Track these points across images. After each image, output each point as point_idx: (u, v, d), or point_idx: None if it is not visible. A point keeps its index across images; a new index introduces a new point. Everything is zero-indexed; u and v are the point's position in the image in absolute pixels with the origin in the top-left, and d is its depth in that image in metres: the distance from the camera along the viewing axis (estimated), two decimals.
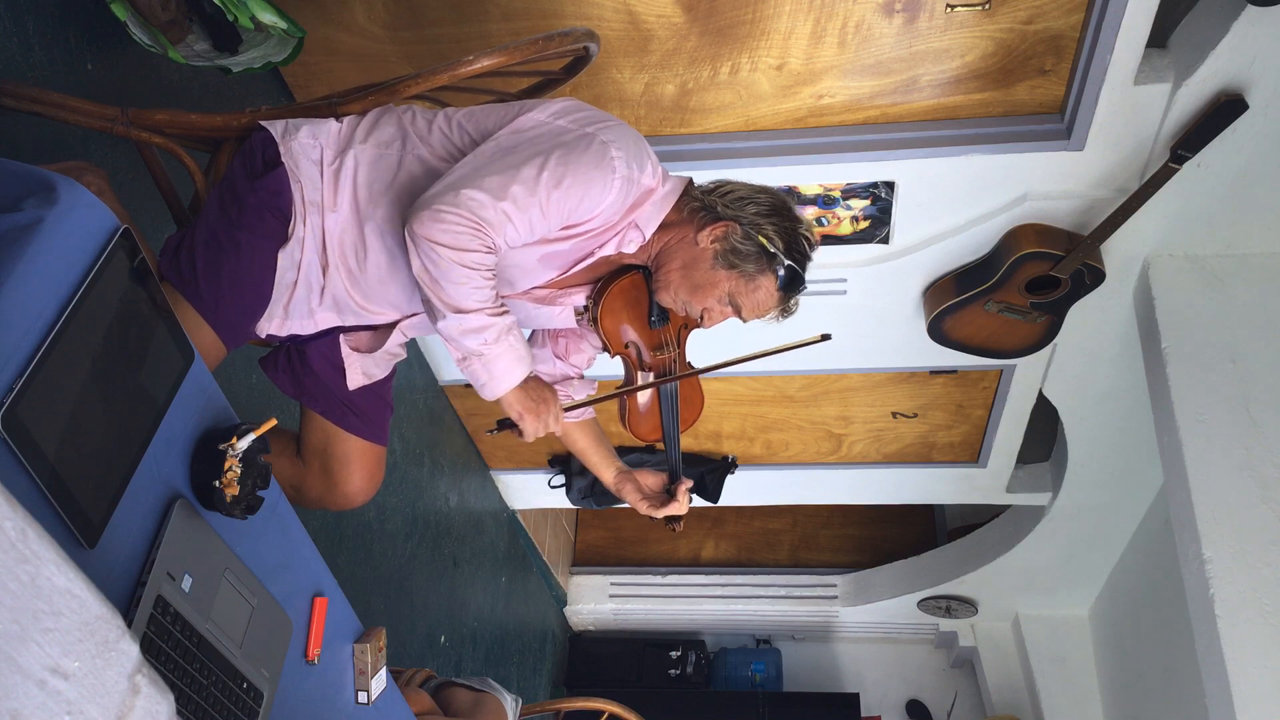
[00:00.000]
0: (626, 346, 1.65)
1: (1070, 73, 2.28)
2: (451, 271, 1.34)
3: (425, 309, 1.42)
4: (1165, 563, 3.53)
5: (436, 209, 1.33)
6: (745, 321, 1.57)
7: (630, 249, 1.52)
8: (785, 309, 1.56)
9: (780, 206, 1.50)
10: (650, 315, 1.62)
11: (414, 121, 1.51)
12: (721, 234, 1.48)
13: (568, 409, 1.71)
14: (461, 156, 1.46)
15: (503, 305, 1.41)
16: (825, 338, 1.58)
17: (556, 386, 1.76)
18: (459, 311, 1.36)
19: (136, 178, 1.86)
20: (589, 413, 1.82)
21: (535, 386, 1.48)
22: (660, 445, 1.84)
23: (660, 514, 1.77)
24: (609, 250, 1.51)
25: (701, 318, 1.55)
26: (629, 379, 1.72)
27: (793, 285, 1.51)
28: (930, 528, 5.24)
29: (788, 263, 1.48)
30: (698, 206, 1.51)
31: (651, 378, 1.69)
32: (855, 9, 2.19)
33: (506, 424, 1.53)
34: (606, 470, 1.83)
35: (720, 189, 1.52)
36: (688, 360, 1.73)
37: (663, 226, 1.53)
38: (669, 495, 1.78)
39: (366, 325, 1.61)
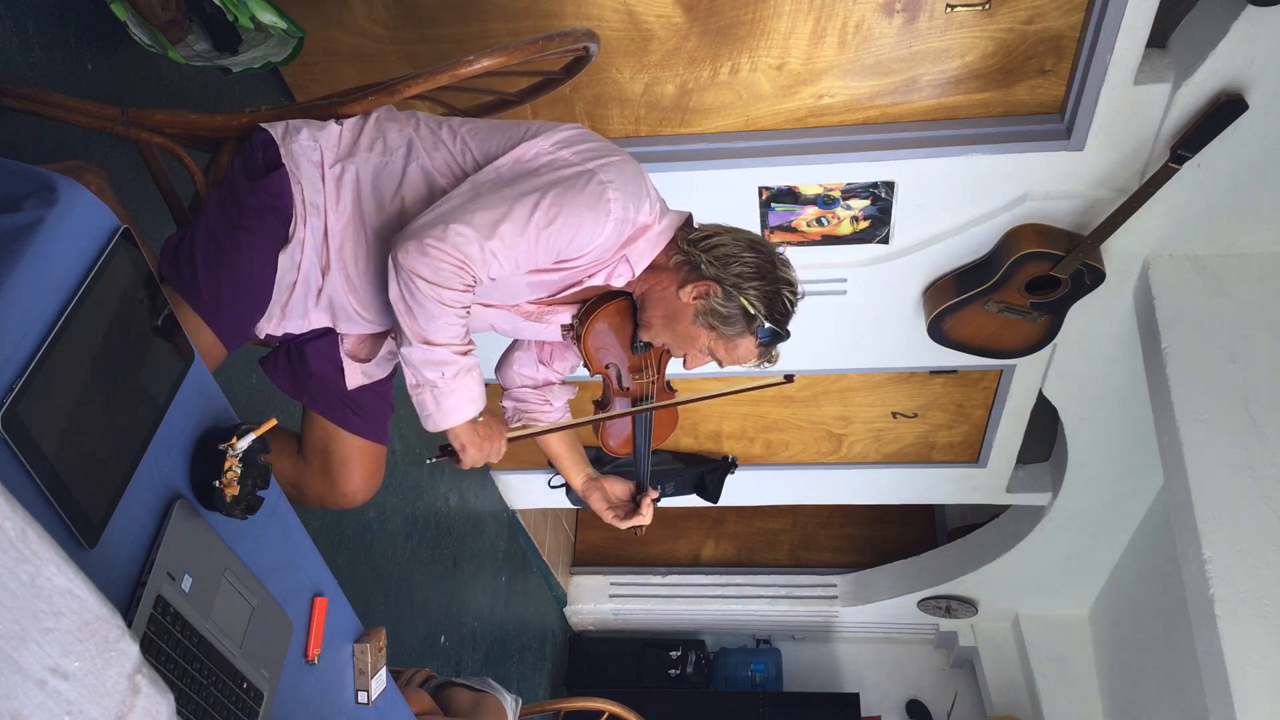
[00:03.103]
0: (607, 368, 1.66)
1: (1070, 73, 2.28)
2: (427, 304, 1.34)
3: (394, 332, 1.41)
4: (1165, 563, 3.53)
5: (423, 241, 1.33)
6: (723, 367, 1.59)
7: (618, 283, 1.54)
8: (768, 359, 1.57)
9: (764, 268, 1.48)
10: (633, 341, 1.63)
11: (418, 130, 1.50)
12: (703, 292, 1.48)
13: (541, 432, 1.74)
14: (463, 175, 1.46)
15: (470, 344, 1.41)
16: (789, 379, 1.64)
17: (538, 390, 1.78)
18: (426, 343, 1.37)
19: (136, 178, 1.85)
20: (565, 418, 1.83)
21: (485, 423, 1.49)
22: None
23: (624, 525, 1.80)
24: (598, 281, 1.52)
25: (684, 360, 1.58)
26: (606, 396, 1.74)
27: (773, 342, 1.53)
28: (930, 528, 5.23)
29: (768, 325, 1.49)
30: (682, 260, 1.51)
31: (629, 402, 1.72)
32: (855, 9, 2.18)
33: (447, 450, 1.55)
34: (576, 475, 1.85)
35: (707, 241, 1.50)
36: (667, 381, 1.75)
37: (651, 267, 1.53)
38: (634, 505, 1.80)
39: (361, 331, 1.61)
